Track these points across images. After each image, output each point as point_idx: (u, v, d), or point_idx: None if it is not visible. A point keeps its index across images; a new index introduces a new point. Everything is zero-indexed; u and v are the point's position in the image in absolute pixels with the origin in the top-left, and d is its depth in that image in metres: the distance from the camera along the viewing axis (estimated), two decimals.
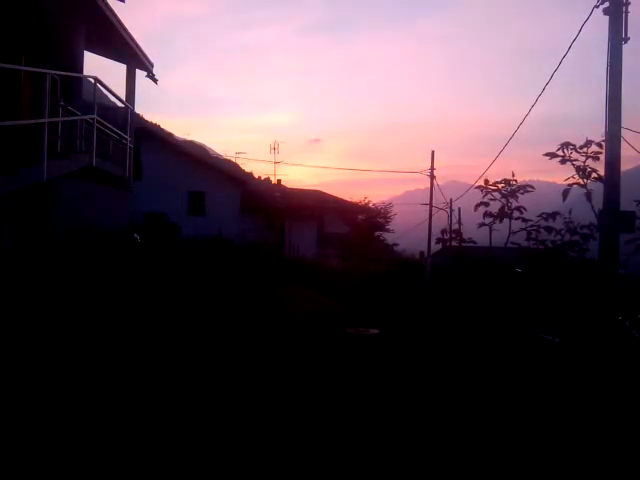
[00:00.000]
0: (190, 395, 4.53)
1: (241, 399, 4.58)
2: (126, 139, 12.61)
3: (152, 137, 31.18)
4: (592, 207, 7.34)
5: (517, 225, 8.22)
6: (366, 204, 31.79)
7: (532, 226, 7.96)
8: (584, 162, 7.35)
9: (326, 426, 4.16)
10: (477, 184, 8.50)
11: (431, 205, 31.91)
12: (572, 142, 7.44)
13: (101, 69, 14.16)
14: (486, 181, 8.30)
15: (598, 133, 7.47)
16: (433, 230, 29.76)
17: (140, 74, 16.97)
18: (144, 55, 16.06)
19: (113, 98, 12.11)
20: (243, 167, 45.85)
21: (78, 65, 12.71)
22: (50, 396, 4.13)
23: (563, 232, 7.67)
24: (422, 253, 34.92)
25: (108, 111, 13.23)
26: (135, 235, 17.00)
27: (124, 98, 14.65)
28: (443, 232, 22.73)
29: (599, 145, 7.33)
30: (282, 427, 4.05)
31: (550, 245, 7.84)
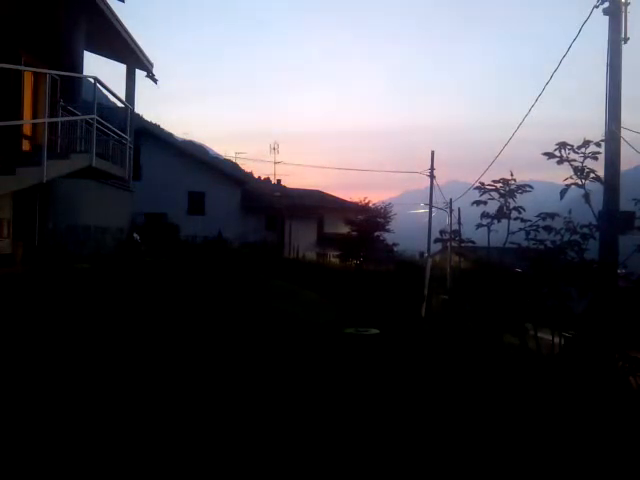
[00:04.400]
0: (189, 395, 4.53)
1: (240, 399, 4.59)
2: (126, 139, 12.62)
3: (152, 137, 31.25)
4: (591, 207, 7.32)
5: (516, 225, 8.19)
6: (366, 204, 31.76)
7: (531, 226, 7.92)
8: (582, 162, 7.32)
9: (324, 424, 4.17)
10: (477, 184, 8.47)
11: (431, 205, 31.96)
12: (569, 142, 7.41)
13: (101, 69, 14.15)
14: (482, 182, 8.31)
15: (598, 133, 7.45)
16: (433, 230, 29.78)
17: (140, 74, 17.02)
18: (144, 55, 16.09)
19: (113, 98, 12.12)
20: (243, 167, 45.94)
21: (78, 65, 12.73)
22: (49, 393, 4.14)
23: (563, 232, 7.63)
24: (422, 253, 34.95)
25: (108, 111, 13.25)
26: (135, 235, 17.03)
27: (124, 98, 14.67)
28: (442, 232, 22.66)
29: (597, 145, 7.30)
30: (282, 425, 4.06)
31: (550, 245, 7.81)
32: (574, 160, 7.34)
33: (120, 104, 13.32)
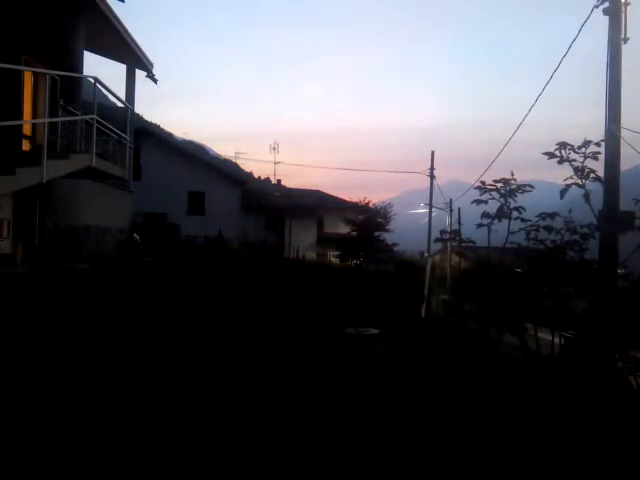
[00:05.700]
0: (187, 397, 4.53)
1: (244, 394, 4.59)
2: (126, 139, 12.62)
3: (152, 137, 31.27)
4: (591, 207, 7.31)
5: (516, 225, 8.19)
6: (366, 204, 31.77)
7: (531, 226, 7.91)
8: (582, 162, 7.31)
9: (321, 418, 4.17)
10: (477, 184, 8.47)
11: (431, 205, 31.95)
12: (569, 142, 7.41)
13: (101, 69, 14.21)
14: (482, 182, 8.29)
15: (598, 134, 7.44)
16: (433, 230, 29.78)
17: (140, 74, 17.04)
18: (144, 55, 16.10)
19: (113, 98, 12.13)
20: (243, 167, 45.98)
21: (78, 65, 12.74)
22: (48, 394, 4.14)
23: (563, 232, 7.62)
24: (422, 253, 34.96)
25: (108, 111, 13.25)
26: (135, 235, 17.03)
27: (124, 98, 14.67)
28: (442, 232, 22.70)
29: (598, 145, 7.29)
30: (284, 418, 4.06)
31: (550, 245, 7.80)
32: (574, 160, 7.33)
33: (120, 104, 13.32)
